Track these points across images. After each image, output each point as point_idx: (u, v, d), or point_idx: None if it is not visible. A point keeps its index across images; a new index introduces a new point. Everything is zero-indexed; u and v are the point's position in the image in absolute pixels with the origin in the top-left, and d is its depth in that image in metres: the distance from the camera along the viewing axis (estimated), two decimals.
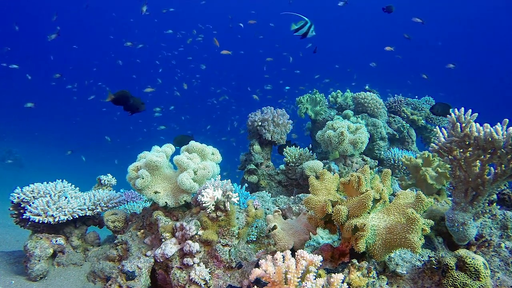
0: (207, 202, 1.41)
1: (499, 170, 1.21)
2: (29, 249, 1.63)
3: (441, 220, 1.43)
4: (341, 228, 1.15)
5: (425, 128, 3.45)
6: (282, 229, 1.36)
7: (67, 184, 1.94)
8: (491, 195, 1.30)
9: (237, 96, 15.31)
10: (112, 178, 2.26)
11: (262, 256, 1.35)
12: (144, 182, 1.60)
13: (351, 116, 3.13)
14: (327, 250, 1.22)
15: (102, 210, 1.86)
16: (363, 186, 1.14)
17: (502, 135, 1.15)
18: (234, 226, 1.47)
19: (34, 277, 1.61)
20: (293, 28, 2.92)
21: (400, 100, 3.42)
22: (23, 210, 1.76)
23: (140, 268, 1.48)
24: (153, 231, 1.68)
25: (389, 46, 4.73)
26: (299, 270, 0.84)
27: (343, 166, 2.47)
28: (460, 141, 1.27)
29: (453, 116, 1.28)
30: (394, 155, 2.72)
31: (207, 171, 1.63)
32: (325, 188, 1.26)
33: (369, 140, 2.54)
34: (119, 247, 1.70)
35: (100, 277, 1.67)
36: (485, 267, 1.05)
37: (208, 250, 1.46)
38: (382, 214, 1.16)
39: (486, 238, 1.38)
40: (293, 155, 2.66)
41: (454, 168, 1.32)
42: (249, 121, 2.81)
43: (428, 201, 1.09)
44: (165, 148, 1.78)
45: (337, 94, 3.55)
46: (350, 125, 2.43)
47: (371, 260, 1.15)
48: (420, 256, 1.31)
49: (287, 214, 1.95)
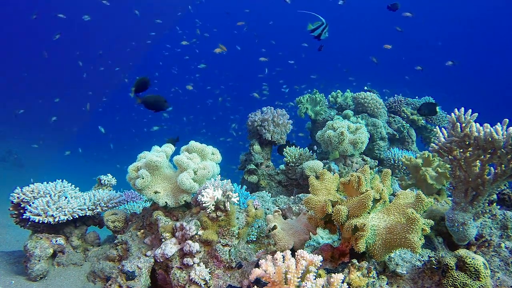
0: (207, 202, 1.41)
1: (499, 170, 1.21)
2: (29, 249, 1.63)
3: (441, 220, 1.43)
4: (341, 228, 1.15)
5: (425, 128, 3.45)
6: (282, 229, 1.36)
7: (67, 184, 1.94)
8: (491, 195, 1.30)
9: (236, 96, 15.33)
10: (112, 178, 2.26)
11: (262, 256, 1.35)
12: (144, 182, 1.60)
13: (351, 116, 3.13)
14: (327, 250, 1.22)
15: (102, 210, 1.86)
16: (363, 186, 1.14)
17: (502, 135, 1.15)
18: (234, 226, 1.47)
19: (34, 277, 1.61)
20: (309, 28, 2.91)
21: (400, 100, 3.42)
22: (23, 210, 1.76)
23: (140, 268, 1.48)
24: (153, 231, 1.68)
25: (387, 45, 4.73)
26: (299, 270, 0.84)
27: (343, 166, 2.47)
28: (460, 141, 1.27)
29: (453, 116, 1.28)
30: (394, 155, 2.72)
31: (207, 171, 1.63)
32: (325, 188, 1.26)
33: (369, 140, 2.54)
34: (119, 247, 1.70)
35: (100, 277, 1.67)
36: (485, 267, 1.05)
37: (208, 250, 1.46)
38: (382, 214, 1.16)
39: (486, 238, 1.38)
40: (293, 155, 2.66)
41: (454, 168, 1.32)
42: (249, 121, 2.81)
43: (428, 201, 1.09)
44: (165, 148, 1.78)
45: (337, 94, 3.55)
46: (350, 125, 2.43)
47: (371, 260, 1.15)
48: (420, 256, 1.31)
49: (287, 214, 1.95)
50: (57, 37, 5.42)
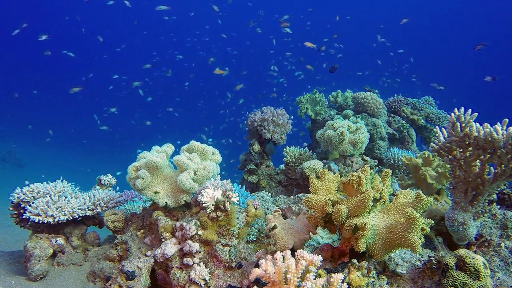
0: (207, 202, 1.41)
1: (499, 170, 1.21)
2: (29, 249, 1.63)
3: (441, 219, 1.43)
4: (341, 228, 1.15)
5: (425, 128, 3.45)
6: (282, 229, 1.36)
7: (67, 184, 1.94)
8: (491, 195, 1.30)
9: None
10: (112, 178, 2.26)
11: (262, 256, 1.35)
12: (144, 182, 1.59)
13: (351, 116, 3.13)
14: (327, 250, 1.22)
15: (102, 210, 1.86)
16: (363, 185, 1.14)
17: (502, 135, 1.15)
18: (234, 226, 1.47)
19: (34, 277, 1.61)
20: None
21: (400, 100, 3.42)
22: (23, 210, 1.76)
23: (140, 268, 1.48)
24: (153, 231, 1.68)
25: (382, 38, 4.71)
26: (299, 270, 0.84)
27: (343, 166, 2.47)
28: (460, 141, 1.27)
29: (453, 116, 1.28)
30: (394, 155, 2.72)
31: (207, 171, 1.63)
32: (325, 187, 1.25)
33: (369, 140, 2.54)
34: (119, 247, 1.70)
35: (100, 277, 1.67)
36: (485, 267, 1.05)
37: (208, 250, 1.46)
38: (382, 213, 1.16)
39: (486, 238, 1.38)
40: (293, 155, 2.66)
41: (454, 168, 1.32)
42: (249, 121, 2.81)
43: (428, 201, 1.09)
44: (165, 148, 1.78)
45: (337, 94, 3.55)
46: (350, 125, 2.43)
47: (371, 260, 1.15)
48: (420, 256, 1.31)
49: (287, 214, 1.95)
50: (44, 38, 5.41)
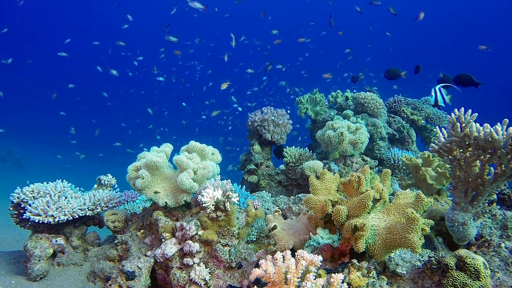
0: (207, 202, 1.41)
1: (499, 170, 1.21)
2: (29, 249, 1.63)
3: (441, 220, 1.42)
4: (341, 228, 1.15)
5: (425, 128, 3.45)
6: (282, 229, 1.36)
7: (67, 184, 1.94)
8: (491, 195, 1.30)
9: None
10: (112, 178, 2.26)
11: (262, 256, 1.35)
12: (144, 182, 1.59)
13: (351, 116, 3.13)
14: (327, 250, 1.22)
15: (102, 210, 1.86)
16: (363, 186, 1.14)
17: (502, 135, 1.15)
18: (234, 226, 1.47)
19: (34, 277, 1.61)
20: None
21: (400, 100, 3.42)
22: (23, 210, 1.76)
23: (140, 268, 1.48)
24: (153, 231, 1.68)
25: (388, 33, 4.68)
26: (299, 270, 0.84)
27: (343, 166, 2.47)
28: (460, 141, 1.27)
29: (453, 116, 1.28)
30: (394, 155, 2.72)
31: (207, 171, 1.63)
32: (325, 188, 1.25)
33: (369, 140, 2.54)
34: (119, 247, 1.70)
35: (100, 277, 1.67)
36: (485, 267, 1.05)
37: (208, 250, 1.46)
38: (382, 214, 1.16)
39: (486, 238, 1.38)
40: (293, 155, 2.66)
41: (454, 168, 1.32)
42: (249, 121, 2.81)
43: (428, 201, 1.09)
44: (165, 148, 1.78)
45: (337, 94, 3.55)
46: (350, 125, 2.43)
47: (371, 260, 1.15)
48: (420, 256, 1.31)
49: (287, 214, 1.95)
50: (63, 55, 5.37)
